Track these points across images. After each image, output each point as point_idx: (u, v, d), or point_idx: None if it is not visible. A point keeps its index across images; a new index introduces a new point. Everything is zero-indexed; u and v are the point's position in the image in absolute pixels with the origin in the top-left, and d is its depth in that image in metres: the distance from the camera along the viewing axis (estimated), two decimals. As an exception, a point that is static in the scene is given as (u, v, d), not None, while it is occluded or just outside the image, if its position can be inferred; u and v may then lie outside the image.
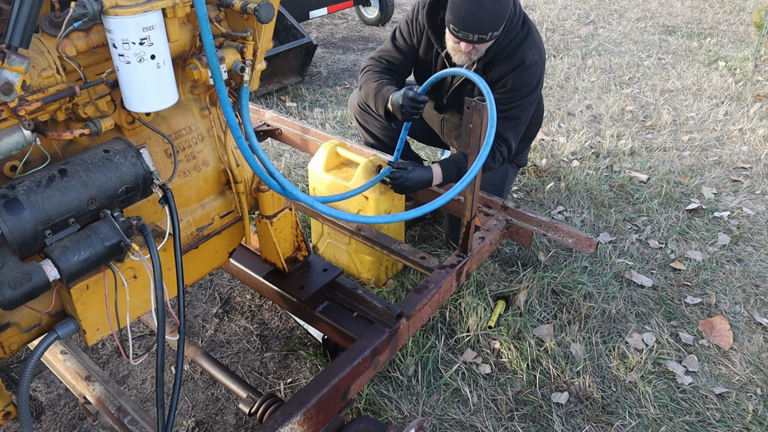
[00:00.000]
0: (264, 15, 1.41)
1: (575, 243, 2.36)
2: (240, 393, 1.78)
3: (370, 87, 2.52)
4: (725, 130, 4.05)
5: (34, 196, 1.18)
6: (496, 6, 2.14)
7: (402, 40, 2.57)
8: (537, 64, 2.39)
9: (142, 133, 1.52)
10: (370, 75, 2.57)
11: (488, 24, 2.16)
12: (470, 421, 2.07)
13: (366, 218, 1.82)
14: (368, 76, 2.57)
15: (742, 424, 2.06)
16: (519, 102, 2.40)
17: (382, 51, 2.62)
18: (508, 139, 2.45)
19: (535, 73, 2.40)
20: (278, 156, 3.70)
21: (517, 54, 2.35)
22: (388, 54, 2.60)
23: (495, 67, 2.38)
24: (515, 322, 2.41)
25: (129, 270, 1.36)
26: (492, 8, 2.14)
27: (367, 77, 2.57)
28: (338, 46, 5.93)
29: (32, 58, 1.19)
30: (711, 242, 2.94)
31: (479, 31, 2.18)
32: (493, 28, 2.19)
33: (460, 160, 2.44)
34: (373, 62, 2.63)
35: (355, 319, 1.97)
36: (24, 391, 1.28)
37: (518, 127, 2.49)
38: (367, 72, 2.60)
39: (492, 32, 2.20)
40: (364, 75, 2.61)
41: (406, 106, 2.27)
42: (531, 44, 2.39)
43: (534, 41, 2.41)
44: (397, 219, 1.88)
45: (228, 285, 2.68)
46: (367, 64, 2.65)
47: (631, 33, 6.07)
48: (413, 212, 1.84)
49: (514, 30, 2.35)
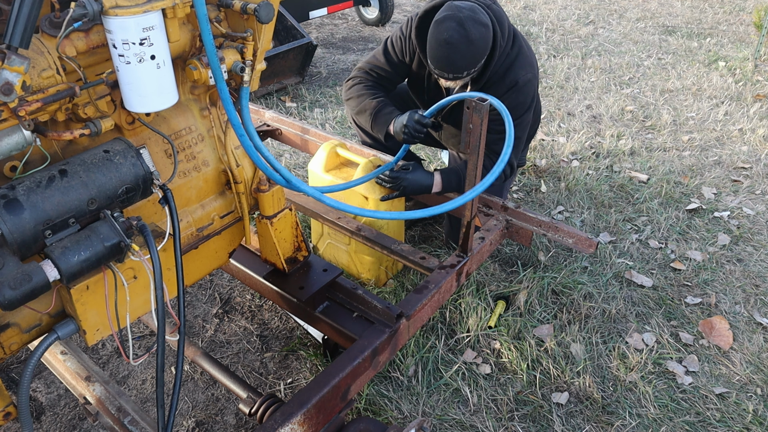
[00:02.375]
0: (264, 15, 1.41)
1: (575, 243, 2.36)
2: (240, 393, 1.78)
3: (367, 104, 2.52)
4: (725, 130, 4.05)
5: (34, 196, 1.18)
6: (469, 49, 2.15)
7: (394, 54, 2.56)
8: (530, 82, 2.40)
9: (142, 133, 1.52)
10: (363, 90, 2.56)
11: (462, 65, 2.19)
12: (470, 421, 2.07)
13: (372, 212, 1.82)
14: (361, 90, 2.56)
15: (742, 424, 2.06)
16: (516, 122, 2.40)
17: (374, 64, 2.59)
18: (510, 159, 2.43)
19: (529, 91, 2.41)
20: (278, 156, 3.70)
21: (510, 75, 2.36)
22: (380, 68, 2.58)
23: (488, 89, 2.38)
24: (515, 322, 2.41)
25: (129, 270, 1.36)
26: (465, 51, 2.16)
27: (361, 91, 2.56)
28: (338, 46, 5.93)
29: (32, 59, 1.19)
30: (711, 242, 2.94)
31: (453, 71, 2.21)
32: (468, 67, 2.21)
33: (461, 170, 2.45)
34: (363, 74, 2.60)
35: (355, 319, 1.97)
36: (24, 391, 1.28)
37: (518, 146, 2.52)
38: (359, 85, 2.58)
39: (468, 71, 2.22)
40: (354, 87, 2.59)
41: (410, 127, 2.30)
42: (522, 63, 2.39)
43: (525, 59, 2.41)
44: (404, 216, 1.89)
45: (228, 285, 2.68)
46: (356, 75, 2.62)
47: (631, 33, 6.07)
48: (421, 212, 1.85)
49: (504, 52, 2.35)
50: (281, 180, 1.64)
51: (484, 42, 2.20)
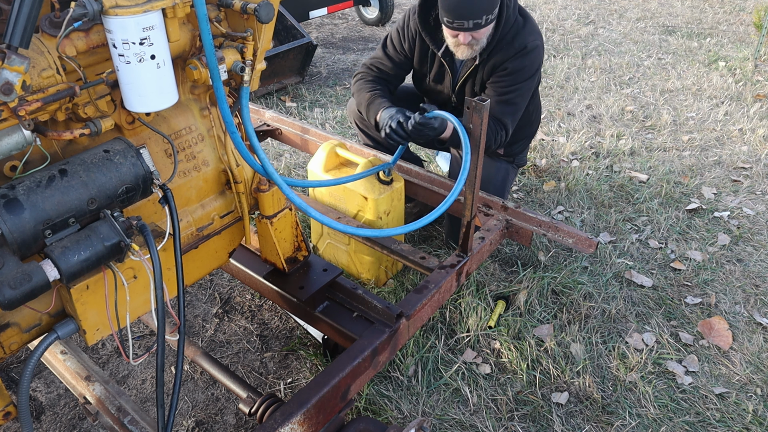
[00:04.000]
0: (264, 15, 1.41)
1: (575, 243, 2.36)
2: (240, 393, 1.78)
3: (363, 97, 2.54)
4: (725, 130, 4.05)
5: (34, 196, 1.18)
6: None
7: (393, 48, 2.59)
8: (538, 48, 2.41)
9: (142, 133, 1.52)
10: (362, 84, 2.59)
11: (480, 6, 2.18)
12: (470, 421, 2.07)
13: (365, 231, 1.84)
14: (360, 85, 2.60)
15: (742, 424, 2.06)
16: (517, 86, 2.42)
17: (374, 59, 2.64)
18: (506, 124, 2.46)
19: (536, 58, 2.41)
20: (278, 156, 3.70)
21: (518, 40, 2.37)
22: (379, 62, 2.62)
23: (496, 54, 2.40)
24: (515, 322, 2.41)
25: (129, 270, 1.36)
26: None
27: (360, 86, 2.59)
28: (338, 46, 5.93)
29: (32, 58, 1.19)
30: (711, 242, 2.94)
31: (473, 15, 2.20)
32: (487, 10, 2.20)
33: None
34: (365, 70, 2.65)
35: (355, 319, 1.97)
36: (24, 391, 1.28)
37: (516, 113, 2.50)
38: (360, 81, 2.62)
39: (486, 15, 2.21)
40: (356, 84, 2.63)
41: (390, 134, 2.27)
42: (531, 30, 2.41)
43: (533, 27, 2.43)
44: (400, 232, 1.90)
45: (228, 285, 2.68)
46: (359, 72, 2.67)
47: (631, 33, 6.07)
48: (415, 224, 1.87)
49: (511, 18, 2.37)
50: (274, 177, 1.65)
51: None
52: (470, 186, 2.01)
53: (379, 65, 2.62)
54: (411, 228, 1.90)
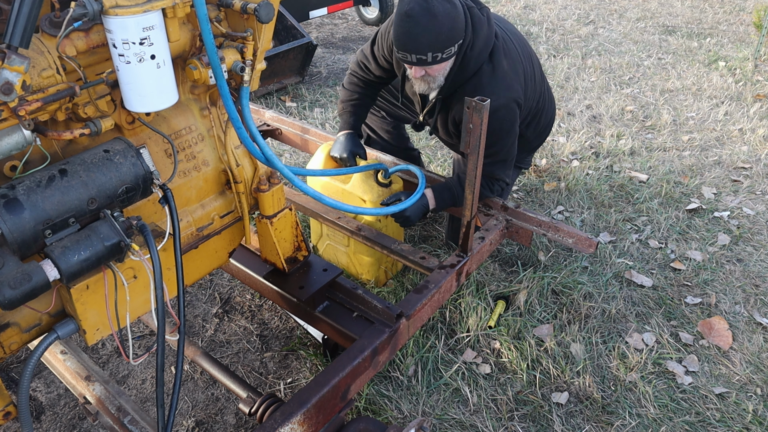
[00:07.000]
0: (264, 15, 1.41)
1: (575, 243, 2.36)
2: (240, 393, 1.78)
3: (339, 106, 2.62)
4: (725, 130, 4.05)
5: (34, 196, 1.18)
6: (432, 23, 1.97)
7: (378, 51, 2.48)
8: (503, 109, 2.18)
9: (142, 133, 1.52)
10: (342, 90, 2.63)
11: (425, 42, 2.00)
12: (470, 421, 2.07)
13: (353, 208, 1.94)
14: (342, 90, 2.63)
15: (742, 424, 2.06)
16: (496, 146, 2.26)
17: (363, 57, 2.54)
18: (501, 178, 2.40)
19: (504, 117, 2.20)
20: (278, 156, 3.70)
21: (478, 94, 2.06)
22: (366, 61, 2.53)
23: (455, 105, 2.27)
24: (515, 322, 2.41)
25: (129, 270, 1.36)
26: (428, 25, 1.97)
27: (341, 91, 2.63)
28: (338, 46, 5.93)
29: (32, 58, 1.19)
30: (711, 242, 2.94)
31: (417, 50, 2.02)
32: (434, 48, 2.01)
33: (454, 186, 2.37)
34: (355, 67, 2.59)
35: (355, 319, 1.97)
36: (24, 391, 1.28)
37: (507, 164, 2.38)
38: (343, 85, 2.64)
39: (434, 53, 2.03)
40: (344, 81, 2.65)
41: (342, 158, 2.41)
42: (498, 84, 2.17)
43: (502, 80, 2.18)
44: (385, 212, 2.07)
45: (228, 285, 2.68)
46: (349, 70, 2.64)
47: (631, 33, 6.07)
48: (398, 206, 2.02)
49: (473, 63, 2.15)
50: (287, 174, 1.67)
51: (449, 20, 1.99)
52: (470, 186, 2.01)
53: (366, 64, 2.53)
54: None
